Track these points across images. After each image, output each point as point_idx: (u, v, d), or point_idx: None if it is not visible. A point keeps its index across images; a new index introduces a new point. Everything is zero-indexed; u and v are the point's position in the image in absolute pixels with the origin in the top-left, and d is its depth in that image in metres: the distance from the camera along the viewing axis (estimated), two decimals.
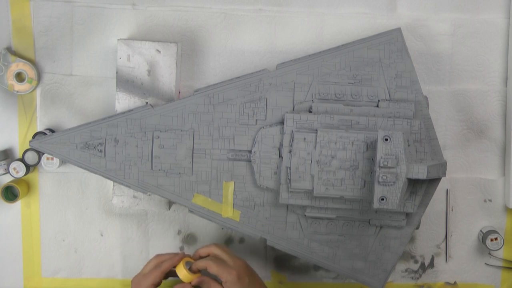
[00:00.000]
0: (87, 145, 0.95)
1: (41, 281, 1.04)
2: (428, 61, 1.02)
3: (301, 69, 0.95)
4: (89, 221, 1.03)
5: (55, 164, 0.99)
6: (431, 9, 1.02)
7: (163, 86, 0.97)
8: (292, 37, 1.02)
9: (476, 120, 1.03)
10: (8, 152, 1.02)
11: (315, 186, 0.90)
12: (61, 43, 1.01)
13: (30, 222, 1.03)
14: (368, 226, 0.97)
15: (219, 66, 1.02)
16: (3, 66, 0.99)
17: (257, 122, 0.95)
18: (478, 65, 1.03)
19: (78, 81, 1.01)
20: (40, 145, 0.94)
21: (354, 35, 1.01)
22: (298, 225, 0.97)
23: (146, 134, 0.95)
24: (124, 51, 0.96)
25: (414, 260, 1.05)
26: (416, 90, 0.95)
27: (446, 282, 1.05)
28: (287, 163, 0.92)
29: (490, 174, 1.04)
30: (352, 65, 0.96)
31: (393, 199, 0.87)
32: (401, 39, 0.95)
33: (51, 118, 1.01)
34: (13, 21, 1.00)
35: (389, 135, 0.86)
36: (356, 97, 0.95)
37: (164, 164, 0.95)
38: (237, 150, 0.95)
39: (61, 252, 1.04)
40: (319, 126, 0.92)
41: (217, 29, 1.01)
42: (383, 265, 0.97)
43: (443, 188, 1.04)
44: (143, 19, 1.01)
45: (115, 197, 0.98)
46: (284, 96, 0.95)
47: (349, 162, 0.90)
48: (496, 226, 1.05)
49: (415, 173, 0.87)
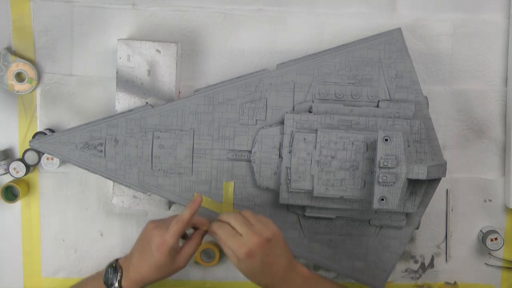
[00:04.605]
0: (87, 145, 0.95)
1: (41, 281, 1.04)
2: (428, 61, 1.02)
3: (301, 69, 0.95)
4: (89, 221, 1.03)
5: (55, 164, 0.99)
6: (431, 9, 1.02)
7: (163, 86, 0.97)
8: (292, 37, 1.02)
9: (476, 120, 1.03)
10: (8, 152, 1.02)
11: (315, 186, 0.91)
12: (61, 43, 1.01)
13: (30, 222, 1.03)
14: (368, 226, 0.97)
15: (219, 66, 1.02)
16: (3, 66, 0.99)
17: (257, 122, 0.95)
18: (478, 65, 1.03)
19: (78, 81, 1.01)
20: (40, 145, 0.95)
21: (354, 35, 1.01)
22: (298, 225, 0.97)
23: (146, 134, 0.95)
24: (124, 51, 0.96)
25: (414, 260, 1.05)
26: (416, 90, 0.95)
27: (446, 282, 1.05)
28: (287, 163, 0.92)
29: (490, 174, 1.04)
30: (352, 65, 0.96)
31: (393, 199, 0.87)
32: (401, 39, 0.95)
33: (51, 118, 1.01)
34: (13, 21, 1.00)
35: (389, 136, 0.86)
36: (356, 97, 0.95)
37: (164, 164, 0.95)
38: (237, 150, 0.95)
39: (61, 252, 1.04)
40: (319, 126, 0.92)
41: (217, 29, 1.01)
42: (383, 265, 0.97)
43: (443, 188, 1.04)
44: (143, 19, 1.01)
45: (115, 197, 0.98)
46: (284, 96, 0.95)
47: (349, 163, 0.90)
48: (496, 226, 1.05)
49: (415, 174, 0.87)
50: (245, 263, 0.81)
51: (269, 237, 0.82)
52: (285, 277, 0.84)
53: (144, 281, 0.87)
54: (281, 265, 0.84)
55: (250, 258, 0.81)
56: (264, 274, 0.83)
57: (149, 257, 0.85)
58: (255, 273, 0.83)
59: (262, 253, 0.81)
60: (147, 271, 0.86)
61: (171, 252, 0.84)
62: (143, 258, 0.86)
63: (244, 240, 0.81)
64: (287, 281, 0.84)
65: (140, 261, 0.86)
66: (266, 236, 0.82)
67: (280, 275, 0.84)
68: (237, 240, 0.81)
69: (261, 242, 0.81)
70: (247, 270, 0.83)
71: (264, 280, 0.84)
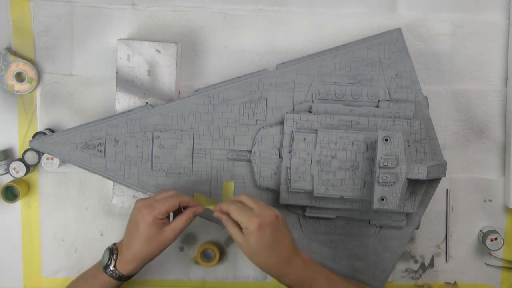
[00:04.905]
0: (87, 145, 0.95)
1: (41, 281, 1.04)
2: (428, 61, 1.02)
3: (301, 69, 0.95)
4: (89, 221, 1.03)
5: (55, 164, 0.99)
6: (431, 9, 1.02)
7: (163, 86, 0.97)
8: (292, 37, 1.02)
9: (476, 120, 1.03)
10: (8, 152, 1.02)
11: (315, 186, 0.91)
12: (61, 43, 1.01)
13: (30, 222, 1.03)
14: (368, 226, 0.97)
15: (219, 66, 1.02)
16: (3, 66, 0.99)
17: (257, 122, 0.95)
18: (478, 65, 1.03)
19: (78, 81, 1.01)
20: (40, 145, 0.94)
21: (354, 35, 1.01)
22: (298, 225, 0.97)
23: (146, 134, 0.95)
24: (124, 51, 0.96)
25: (414, 260, 1.05)
26: (416, 90, 0.95)
27: (446, 282, 1.05)
28: (287, 163, 0.92)
29: (490, 174, 1.04)
30: (352, 65, 0.96)
31: (393, 199, 0.87)
32: (401, 39, 0.95)
33: (51, 118, 1.01)
34: (13, 21, 1.00)
35: (389, 136, 0.86)
36: (356, 97, 0.95)
37: (164, 164, 0.95)
38: (237, 150, 0.95)
39: (61, 252, 1.04)
40: (319, 126, 0.92)
41: (217, 29, 1.01)
42: (383, 265, 0.97)
43: (443, 188, 1.04)
44: (143, 19, 1.01)
45: (115, 197, 0.98)
46: (284, 96, 0.95)
47: (349, 163, 0.90)
48: (496, 226, 1.05)
49: (415, 174, 0.87)
50: (255, 236, 0.81)
51: (278, 214, 0.84)
52: (289, 259, 0.84)
53: (136, 259, 0.88)
54: (287, 245, 0.84)
55: (261, 230, 0.81)
56: (270, 252, 0.83)
57: (137, 231, 0.86)
58: (262, 250, 0.83)
59: (272, 227, 0.82)
60: (137, 245, 0.87)
61: (156, 220, 0.86)
62: (133, 234, 0.87)
63: (255, 213, 0.82)
64: (291, 264, 0.84)
65: (130, 237, 0.87)
66: (275, 212, 0.84)
67: (285, 256, 0.84)
68: (249, 213, 0.82)
69: (272, 216, 0.83)
70: (255, 245, 0.82)
71: (269, 260, 0.84)
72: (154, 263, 1.00)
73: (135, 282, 1.03)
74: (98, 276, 0.89)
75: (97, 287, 0.89)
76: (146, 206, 0.86)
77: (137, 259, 0.88)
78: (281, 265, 0.84)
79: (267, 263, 0.84)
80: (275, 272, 0.85)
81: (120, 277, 0.88)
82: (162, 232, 0.86)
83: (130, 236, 0.88)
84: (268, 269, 0.85)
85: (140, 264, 0.89)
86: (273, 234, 0.82)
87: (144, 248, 0.87)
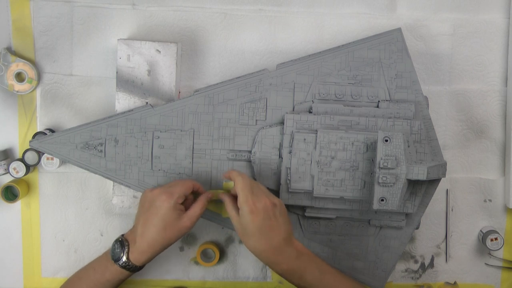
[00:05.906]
0: (87, 145, 0.95)
1: (41, 281, 1.04)
2: (428, 61, 1.02)
3: (301, 69, 0.95)
4: (89, 221, 1.03)
5: (55, 164, 0.99)
6: (431, 9, 1.02)
7: (163, 86, 0.97)
8: (292, 37, 1.02)
9: (476, 120, 1.03)
10: (8, 152, 1.02)
11: (315, 186, 0.91)
12: (61, 43, 1.01)
13: (30, 222, 1.03)
14: (368, 226, 0.97)
15: (219, 66, 1.02)
16: (3, 66, 0.99)
17: (257, 122, 0.95)
18: (478, 65, 1.03)
19: (78, 81, 1.01)
20: (40, 145, 0.94)
21: (354, 35, 1.01)
22: (298, 225, 0.97)
23: (146, 134, 0.95)
24: (124, 51, 0.96)
25: (414, 260, 1.05)
26: (416, 90, 0.95)
27: (446, 282, 1.06)
28: (287, 164, 0.92)
29: (490, 174, 1.04)
30: (352, 65, 0.96)
31: (393, 200, 0.87)
32: (401, 39, 0.95)
33: (51, 118, 1.01)
34: (13, 21, 1.00)
35: (389, 136, 0.86)
36: (356, 97, 0.95)
37: (164, 164, 0.95)
38: (237, 151, 0.95)
39: (61, 252, 1.04)
40: (319, 127, 0.92)
41: (217, 29, 1.01)
42: (383, 265, 0.97)
43: (443, 188, 1.04)
44: (143, 19, 1.01)
45: (115, 197, 0.98)
46: (284, 96, 0.95)
47: (349, 163, 0.90)
48: (496, 226, 1.05)
49: (415, 174, 0.87)
50: (247, 218, 0.83)
51: (276, 202, 0.85)
52: (280, 248, 0.85)
53: (151, 249, 0.87)
54: (280, 234, 0.85)
55: (254, 214, 0.83)
56: (260, 237, 0.84)
57: (155, 217, 0.86)
58: (253, 233, 0.84)
59: (266, 213, 0.83)
60: (154, 233, 0.86)
61: (176, 205, 0.86)
62: (149, 222, 0.87)
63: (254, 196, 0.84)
64: (282, 253, 0.85)
65: (146, 226, 0.87)
66: (274, 200, 0.85)
67: (275, 244, 0.84)
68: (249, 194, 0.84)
69: (268, 202, 0.84)
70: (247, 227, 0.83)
71: (259, 245, 0.84)
72: (154, 263, 1.01)
73: (135, 282, 1.03)
74: (109, 267, 0.88)
75: (108, 278, 0.89)
76: (164, 192, 0.87)
77: (152, 248, 0.87)
78: (271, 252, 0.85)
79: (257, 247, 0.85)
80: (265, 259, 0.86)
81: (133, 268, 0.88)
82: (181, 219, 0.87)
83: (146, 224, 0.87)
84: (259, 253, 0.86)
85: (153, 254, 0.88)
86: (266, 221, 0.84)
87: (161, 236, 0.87)
